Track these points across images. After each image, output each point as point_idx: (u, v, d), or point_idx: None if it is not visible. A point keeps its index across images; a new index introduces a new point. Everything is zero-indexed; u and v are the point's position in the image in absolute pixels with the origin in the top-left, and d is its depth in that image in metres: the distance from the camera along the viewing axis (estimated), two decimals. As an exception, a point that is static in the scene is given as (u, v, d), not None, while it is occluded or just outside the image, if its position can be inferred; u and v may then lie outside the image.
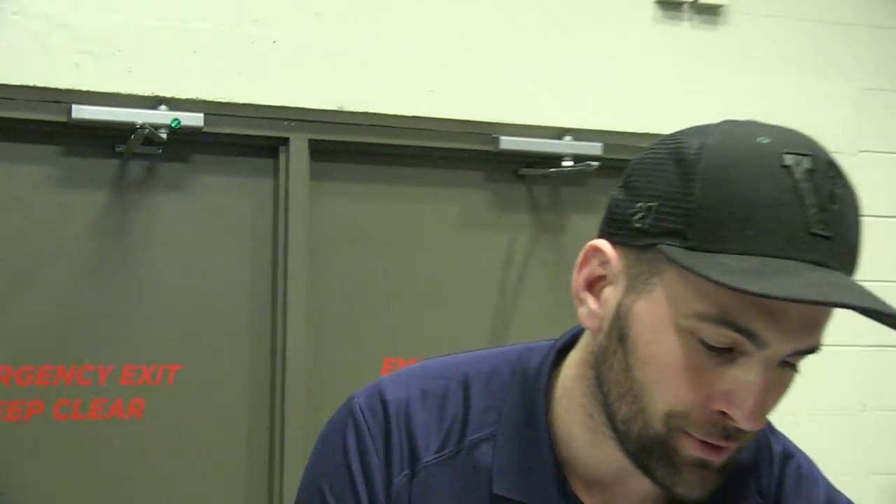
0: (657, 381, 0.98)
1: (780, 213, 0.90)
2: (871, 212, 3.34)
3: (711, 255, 0.90)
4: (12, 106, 2.69)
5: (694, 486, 0.99)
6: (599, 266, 1.04)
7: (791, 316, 0.91)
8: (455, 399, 1.18)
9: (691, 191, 0.93)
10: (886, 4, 3.53)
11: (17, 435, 2.71)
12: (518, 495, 1.11)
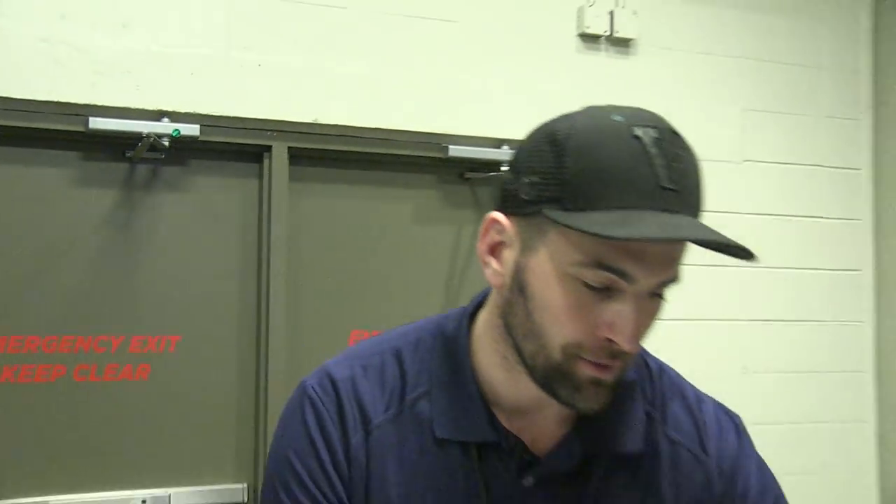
0: (553, 320, 1.05)
1: (635, 173, 0.98)
2: (753, 210, 3.53)
3: (584, 213, 0.97)
4: (39, 118, 2.71)
5: (591, 401, 1.06)
6: (497, 234, 1.11)
7: (652, 255, 1.01)
8: (391, 369, 1.22)
9: (564, 164, 1.01)
10: (765, 42, 3.65)
11: (44, 394, 2.74)
12: (456, 435, 1.16)
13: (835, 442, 3.70)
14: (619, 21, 3.37)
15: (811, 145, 3.72)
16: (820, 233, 3.72)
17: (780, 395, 3.60)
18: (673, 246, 1.03)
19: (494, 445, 1.15)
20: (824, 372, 3.69)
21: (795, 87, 3.72)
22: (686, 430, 1.23)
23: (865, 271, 3.81)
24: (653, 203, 0.98)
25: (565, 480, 1.15)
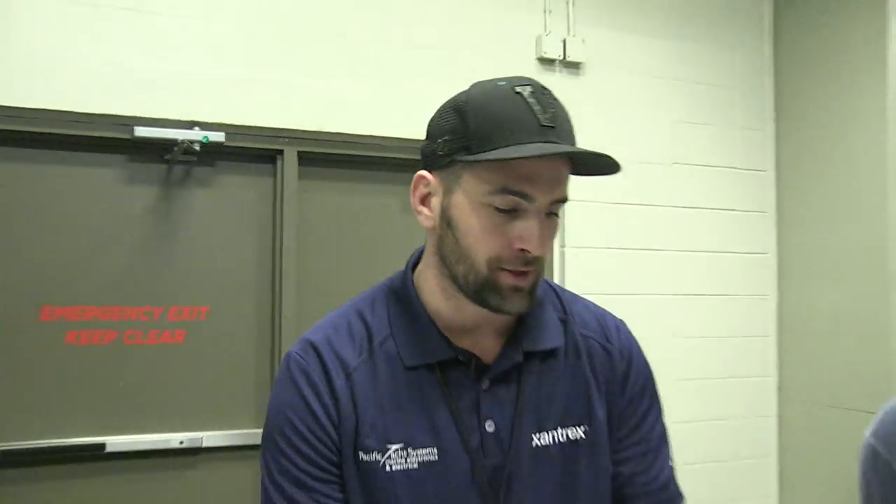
0: (476, 241, 1.15)
1: (520, 118, 1.11)
2: (680, 204, 3.70)
3: (486, 152, 1.11)
4: (93, 128, 2.79)
5: (516, 305, 1.17)
6: (425, 188, 1.22)
7: (543, 177, 1.13)
8: (357, 325, 1.27)
9: (466, 122, 1.14)
10: (690, 66, 3.74)
11: (99, 354, 2.82)
12: (422, 360, 1.22)
13: (744, 393, 3.81)
14: (571, 48, 3.45)
15: (727, 151, 3.83)
16: (733, 223, 3.82)
17: (701, 355, 3.70)
18: (558, 170, 1.15)
19: (453, 361, 1.22)
20: (737, 336, 3.80)
21: (714, 104, 3.81)
22: (593, 327, 1.34)
23: (770, 255, 3.90)
24: (536, 136, 1.10)
25: (511, 378, 1.24)
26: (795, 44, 3.85)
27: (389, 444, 1.19)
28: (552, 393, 1.26)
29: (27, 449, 2.72)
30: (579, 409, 1.27)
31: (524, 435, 1.23)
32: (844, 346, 3.56)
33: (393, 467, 1.19)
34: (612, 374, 1.32)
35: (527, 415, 1.24)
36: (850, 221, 3.56)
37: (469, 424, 1.21)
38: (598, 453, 1.28)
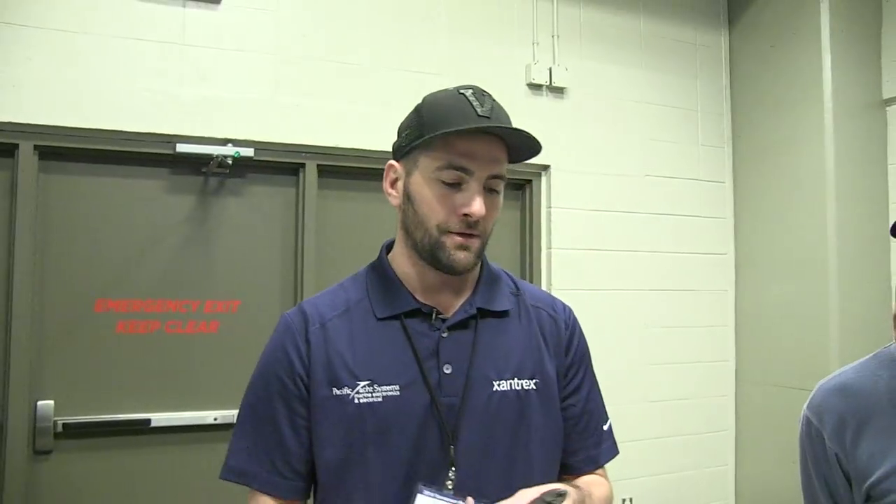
0: (428, 210, 1.23)
1: (462, 109, 1.21)
2: (651, 211, 3.73)
3: (432, 134, 1.21)
4: (141, 145, 2.81)
5: (461, 261, 1.24)
6: (393, 174, 1.31)
7: (480, 155, 1.22)
8: (340, 293, 1.35)
9: (421, 117, 1.25)
10: (659, 92, 3.76)
11: (144, 342, 2.84)
12: (390, 311, 1.29)
13: (706, 376, 3.83)
14: (556, 75, 3.47)
15: (691, 165, 3.85)
16: (697, 227, 3.84)
17: (669, 342, 3.73)
18: (493, 150, 1.23)
19: (417, 313, 1.29)
20: (700, 326, 3.82)
21: (680, 124, 3.83)
22: (543, 301, 1.43)
23: (729, 255, 3.92)
24: (473, 123, 1.20)
25: (467, 329, 1.29)
26: (748, 74, 3.89)
27: (358, 380, 1.23)
28: (508, 349, 1.31)
29: (84, 422, 2.75)
30: (531, 365, 1.32)
31: (482, 379, 1.27)
32: (791, 334, 3.60)
33: (360, 400, 1.22)
34: (558, 339, 1.39)
35: (484, 363, 1.28)
36: (795, 225, 3.60)
37: (429, 366, 1.25)
38: (549, 404, 1.33)
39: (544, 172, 3.55)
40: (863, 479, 1.35)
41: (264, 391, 1.29)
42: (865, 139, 3.52)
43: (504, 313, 1.34)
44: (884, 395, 1.37)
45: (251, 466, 1.28)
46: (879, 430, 1.35)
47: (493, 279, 1.37)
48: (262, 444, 1.27)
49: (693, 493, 3.81)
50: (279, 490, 1.27)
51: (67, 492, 2.73)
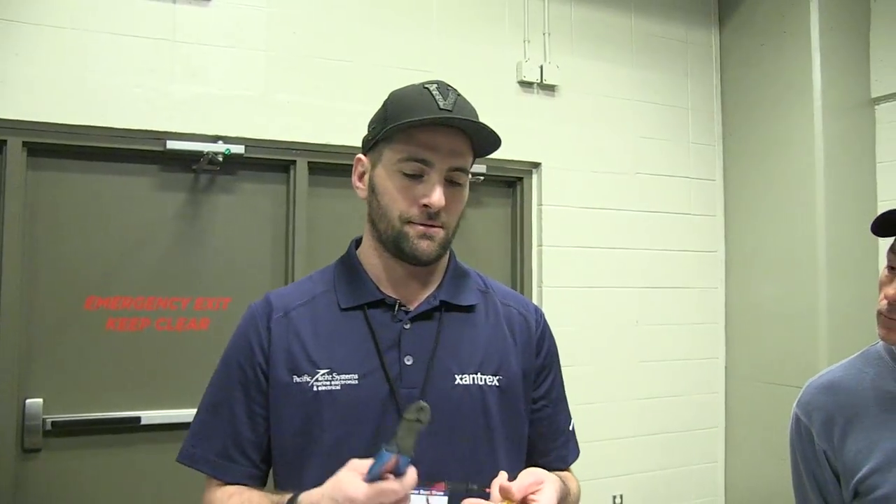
0: (390, 201, 1.25)
1: (425, 103, 1.23)
2: (643, 209, 3.75)
3: (394, 126, 1.23)
4: (132, 141, 2.79)
5: (423, 250, 1.24)
6: (361, 167, 1.33)
7: (441, 147, 1.23)
8: (307, 283, 1.36)
9: (386, 111, 1.27)
10: (651, 90, 3.77)
11: (134, 339, 2.82)
12: (354, 302, 1.30)
13: (696, 373, 3.85)
14: (547, 72, 3.48)
15: (682, 163, 3.86)
16: (687, 225, 3.85)
17: (660, 339, 3.74)
18: (455, 142, 1.24)
19: (381, 304, 1.29)
20: (690, 323, 3.84)
21: (671, 122, 3.84)
22: (513, 299, 1.43)
23: (719, 252, 3.93)
24: (435, 115, 1.21)
25: (431, 322, 1.30)
26: (739, 73, 3.91)
27: (318, 368, 1.24)
28: (472, 343, 1.31)
29: (74, 420, 2.74)
30: (496, 361, 1.32)
31: (444, 372, 1.27)
32: (781, 331, 3.61)
33: (319, 388, 1.23)
34: (528, 338, 1.38)
35: (447, 356, 1.28)
36: (785, 223, 3.62)
37: (390, 357, 1.25)
38: (513, 400, 1.32)
39: (535, 170, 3.55)
40: (850, 475, 1.37)
41: (224, 378, 1.30)
42: (854, 138, 3.54)
43: (470, 308, 1.34)
44: (870, 393, 1.39)
45: (203, 451, 1.29)
46: (866, 427, 1.37)
47: (461, 275, 1.38)
48: (216, 430, 1.28)
49: (683, 490, 3.82)
50: (230, 475, 1.28)
51: (57, 490, 2.71)
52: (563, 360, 1.48)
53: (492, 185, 3.52)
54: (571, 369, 3.33)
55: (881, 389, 1.39)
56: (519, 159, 3.47)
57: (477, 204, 3.48)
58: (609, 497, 3.60)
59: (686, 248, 3.86)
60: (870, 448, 1.35)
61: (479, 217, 3.50)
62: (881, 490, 1.32)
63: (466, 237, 3.42)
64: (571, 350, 3.46)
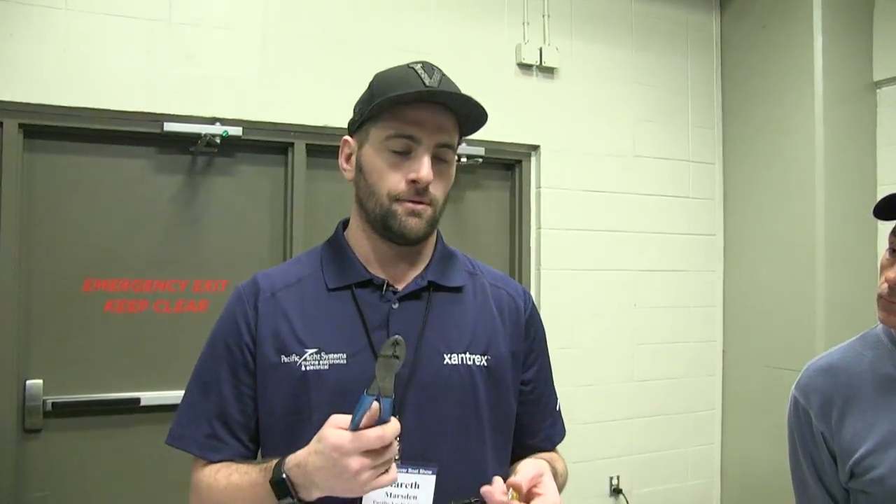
0: (378, 179, 1.25)
1: (409, 80, 1.23)
2: (641, 192, 3.75)
3: (383, 109, 1.23)
4: (129, 123, 2.79)
5: (412, 227, 1.25)
6: (347, 149, 1.33)
7: (427, 123, 1.23)
8: (294, 266, 1.37)
9: (371, 91, 1.28)
10: (650, 73, 3.76)
11: (133, 321, 2.83)
12: (341, 282, 1.30)
13: (694, 355, 3.87)
14: (546, 55, 3.46)
15: (681, 146, 3.85)
16: (687, 208, 3.86)
17: (658, 322, 3.76)
18: (441, 119, 1.24)
19: (368, 284, 1.30)
20: (688, 306, 3.85)
21: (670, 105, 3.84)
22: (502, 281, 1.44)
23: (717, 235, 3.94)
24: (420, 91, 1.21)
25: (419, 301, 1.30)
26: (739, 55, 3.89)
27: (306, 348, 1.24)
28: (460, 324, 1.32)
29: (73, 402, 2.75)
30: (485, 341, 1.32)
31: (432, 352, 1.27)
32: (778, 315, 3.62)
33: (307, 368, 1.23)
34: (517, 318, 1.39)
35: (435, 336, 1.28)
36: (784, 207, 3.62)
37: (378, 336, 1.25)
38: (501, 380, 1.33)
39: (534, 153, 3.55)
40: (847, 456, 1.38)
41: (212, 359, 1.30)
42: (855, 121, 3.53)
43: (458, 289, 1.35)
44: (868, 375, 1.41)
45: (192, 432, 1.29)
46: (863, 409, 1.38)
47: (448, 256, 1.39)
48: (204, 410, 1.28)
49: (679, 472, 3.85)
50: (218, 456, 1.28)
51: (57, 470, 2.73)
52: (560, 341, 1.49)
53: (490, 168, 3.51)
54: (569, 351, 3.48)
55: (879, 372, 1.40)
56: (518, 142, 3.47)
57: (476, 187, 3.48)
58: (605, 478, 3.62)
59: (684, 231, 3.86)
60: (867, 430, 1.36)
61: (478, 200, 3.50)
62: (877, 471, 1.33)
63: (465, 219, 3.42)
64: (569, 332, 3.49)
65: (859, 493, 1.38)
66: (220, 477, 1.25)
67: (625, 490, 3.66)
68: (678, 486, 3.84)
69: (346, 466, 1.03)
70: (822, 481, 1.46)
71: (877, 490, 1.34)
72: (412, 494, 1.21)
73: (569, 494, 1.39)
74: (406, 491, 1.21)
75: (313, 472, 1.08)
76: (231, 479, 1.23)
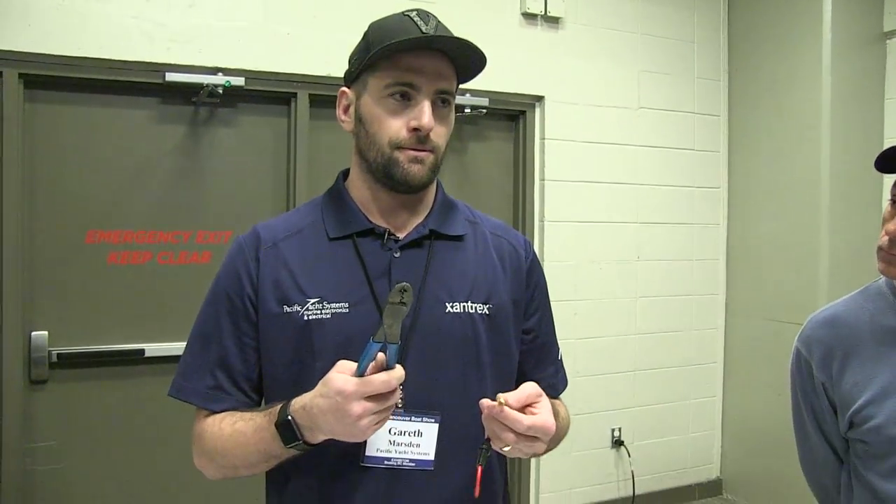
0: (379, 127, 1.23)
1: (406, 28, 1.21)
2: (645, 144, 3.75)
3: (381, 58, 1.21)
4: (130, 73, 2.79)
5: (415, 174, 1.23)
6: (345, 100, 1.30)
7: (426, 70, 1.21)
8: (294, 216, 1.35)
9: (368, 40, 1.25)
10: (655, 22, 3.74)
11: (137, 272, 2.87)
12: (342, 231, 1.28)
13: (697, 308, 3.91)
14: (551, 4, 3.45)
15: (686, 98, 3.85)
16: (690, 160, 3.87)
17: (663, 275, 3.80)
18: (439, 65, 1.23)
19: (370, 233, 1.28)
20: (691, 259, 3.88)
21: (675, 56, 3.82)
22: (504, 231, 1.43)
23: (721, 188, 3.97)
24: (418, 38, 1.19)
25: (420, 250, 1.29)
26: (747, 5, 3.85)
27: (308, 298, 1.23)
28: (462, 272, 1.31)
29: (78, 353, 2.78)
30: (486, 289, 1.31)
31: (433, 300, 1.27)
32: (781, 268, 3.64)
33: (309, 317, 1.22)
34: (518, 267, 1.38)
35: (436, 285, 1.28)
36: (789, 160, 3.61)
37: (380, 285, 1.24)
38: (503, 328, 1.32)
39: (538, 104, 3.54)
40: (846, 406, 1.40)
41: (213, 310, 1.30)
42: (863, 73, 3.51)
43: (458, 238, 1.34)
44: (868, 327, 1.42)
45: (194, 384, 1.28)
46: (863, 360, 1.40)
47: (449, 205, 1.38)
48: (206, 361, 1.28)
49: (681, 423, 3.90)
50: (221, 406, 1.27)
51: (63, 420, 2.78)
52: (563, 293, 1.50)
53: (494, 119, 3.49)
54: (572, 304, 3.51)
55: (879, 324, 1.41)
56: (522, 92, 3.46)
57: (479, 138, 3.47)
58: (608, 430, 3.67)
59: (688, 184, 3.87)
60: (866, 381, 1.38)
61: (482, 151, 3.50)
62: (875, 420, 1.35)
63: (468, 171, 3.42)
64: (572, 284, 3.51)
65: (858, 442, 1.41)
66: (225, 425, 1.25)
67: (626, 442, 3.71)
68: (679, 438, 3.90)
69: (349, 411, 1.04)
70: (822, 431, 1.48)
71: (874, 439, 1.36)
72: (415, 442, 1.22)
73: (571, 446, 1.41)
74: (409, 439, 1.22)
75: (318, 414, 1.09)
76: (236, 426, 1.23)
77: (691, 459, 3.95)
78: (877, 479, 1.36)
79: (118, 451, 2.86)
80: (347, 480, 1.21)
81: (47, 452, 2.77)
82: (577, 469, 3.55)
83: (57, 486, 2.78)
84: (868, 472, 1.38)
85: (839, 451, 1.48)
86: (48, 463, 2.77)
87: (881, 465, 1.35)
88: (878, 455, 1.36)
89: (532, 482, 3.51)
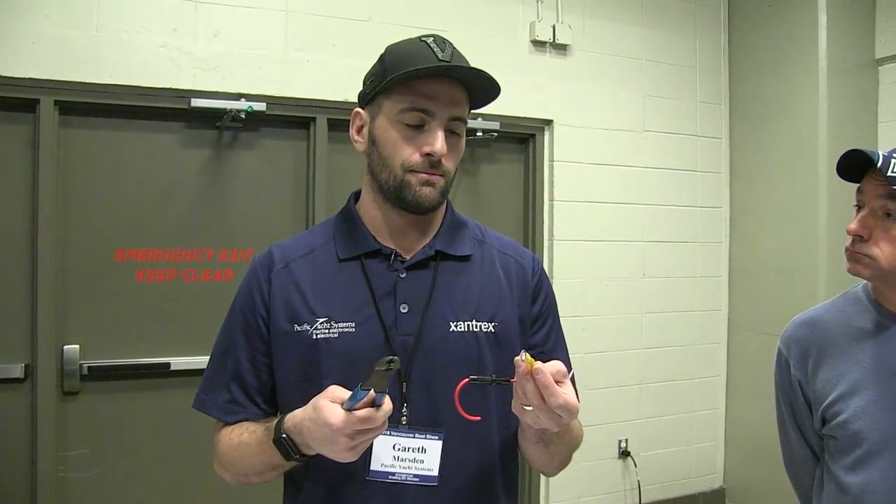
0: (392, 150, 1.23)
1: (422, 54, 1.21)
2: (650, 165, 3.76)
3: (397, 82, 1.21)
4: (157, 100, 2.82)
5: (426, 197, 1.23)
6: (359, 121, 1.30)
7: (441, 97, 1.21)
8: (307, 237, 1.36)
9: (384, 64, 1.25)
10: (659, 49, 3.76)
11: (163, 289, 2.89)
12: (351, 253, 1.29)
13: (700, 323, 3.90)
14: (560, 32, 3.48)
15: (689, 122, 3.86)
16: (694, 181, 3.88)
17: (667, 291, 3.79)
18: (454, 92, 1.23)
19: (377, 254, 1.29)
20: (695, 276, 3.88)
21: (679, 81, 3.84)
22: (511, 248, 1.41)
23: (724, 208, 3.96)
24: (436, 66, 1.20)
25: (426, 271, 1.29)
26: (746, 33, 3.88)
27: (317, 317, 1.25)
28: (467, 291, 1.30)
29: (108, 366, 2.82)
30: (491, 308, 1.31)
31: (438, 320, 1.27)
32: (782, 284, 3.65)
33: (318, 336, 1.24)
34: (524, 285, 1.36)
35: (442, 304, 1.28)
36: (788, 181, 3.63)
37: (386, 305, 1.25)
38: (508, 347, 1.30)
39: (547, 127, 3.57)
40: (819, 403, 1.45)
41: (230, 327, 1.32)
42: (858, 98, 3.53)
43: (465, 258, 1.33)
44: (842, 329, 1.47)
45: (213, 397, 1.31)
46: (835, 359, 1.44)
47: (458, 225, 1.37)
48: (223, 376, 1.31)
49: (685, 435, 3.89)
50: (235, 418, 1.30)
51: (95, 430, 2.81)
52: (572, 310, 1.49)
53: (505, 142, 3.52)
54: (580, 319, 3.52)
55: (853, 325, 1.46)
56: (532, 116, 3.48)
57: (491, 160, 3.49)
58: (615, 442, 3.68)
59: (692, 203, 3.88)
60: (837, 378, 1.43)
61: (493, 173, 3.52)
62: (842, 416, 1.40)
63: (481, 191, 3.44)
64: (580, 301, 3.53)
65: (829, 438, 1.46)
66: (234, 436, 1.28)
67: (633, 453, 3.71)
68: (684, 449, 3.89)
69: (335, 441, 1.06)
70: (800, 429, 1.53)
71: (841, 434, 1.40)
72: (419, 458, 1.23)
73: (579, 457, 1.40)
74: (413, 455, 1.23)
75: (307, 435, 1.11)
76: (242, 437, 1.27)
77: (695, 469, 3.94)
78: (842, 472, 1.41)
79: (146, 459, 2.89)
80: (353, 493, 1.23)
81: (79, 460, 2.80)
82: (585, 479, 3.56)
83: (88, 492, 2.81)
84: (835, 466, 1.43)
85: (815, 448, 1.53)
86: (80, 470, 2.79)
87: (846, 458, 1.40)
88: (844, 449, 1.40)
89: (542, 493, 3.52)
